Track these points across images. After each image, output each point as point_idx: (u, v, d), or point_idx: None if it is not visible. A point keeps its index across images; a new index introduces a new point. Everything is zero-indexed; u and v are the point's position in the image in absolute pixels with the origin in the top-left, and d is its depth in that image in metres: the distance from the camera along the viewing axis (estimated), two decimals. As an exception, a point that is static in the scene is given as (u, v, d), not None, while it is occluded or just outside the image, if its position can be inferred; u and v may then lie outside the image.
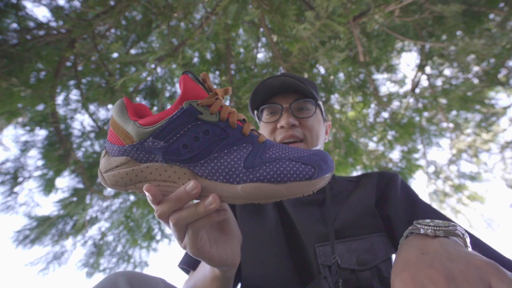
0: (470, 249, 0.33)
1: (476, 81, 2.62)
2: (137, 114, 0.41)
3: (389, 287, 0.41)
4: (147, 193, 0.35)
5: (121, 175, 0.38)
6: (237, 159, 0.35)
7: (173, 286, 0.45)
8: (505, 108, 2.82)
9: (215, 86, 2.85)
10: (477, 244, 0.46)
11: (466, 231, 0.34)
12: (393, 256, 0.43)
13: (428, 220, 0.34)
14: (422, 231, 0.33)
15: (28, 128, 2.53)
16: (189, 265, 0.57)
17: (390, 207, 0.54)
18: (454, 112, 3.06)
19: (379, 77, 3.19)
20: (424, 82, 3.04)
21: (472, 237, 0.46)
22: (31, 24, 2.17)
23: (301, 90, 0.60)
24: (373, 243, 0.49)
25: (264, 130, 0.63)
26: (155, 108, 3.11)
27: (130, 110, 0.40)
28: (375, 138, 3.19)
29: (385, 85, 3.28)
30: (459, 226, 0.33)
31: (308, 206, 0.57)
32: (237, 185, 0.34)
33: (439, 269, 0.25)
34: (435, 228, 0.32)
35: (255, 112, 0.67)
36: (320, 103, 0.65)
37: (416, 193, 0.58)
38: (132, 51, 2.69)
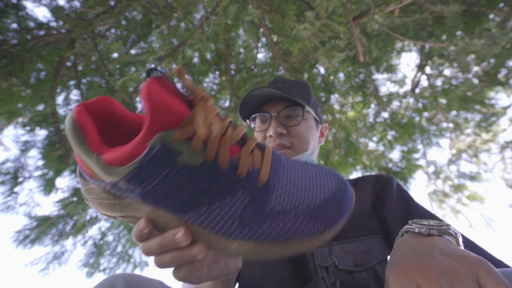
0: (462, 247, 0.33)
1: (476, 81, 2.62)
2: (101, 123, 0.30)
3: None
4: (140, 228, 0.29)
5: (105, 206, 0.30)
6: (232, 212, 0.27)
7: None
8: (505, 108, 2.83)
9: (214, 87, 2.85)
10: (468, 244, 0.47)
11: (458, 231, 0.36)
12: (389, 257, 0.43)
13: (423, 220, 0.35)
14: (416, 230, 0.34)
15: (28, 128, 2.53)
16: None
17: (386, 209, 0.55)
18: (454, 112, 3.06)
19: (379, 77, 3.19)
20: (424, 82, 3.04)
21: (464, 237, 0.46)
22: (31, 24, 2.17)
23: (288, 98, 0.60)
24: (369, 245, 0.50)
25: (257, 138, 0.63)
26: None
27: (89, 131, 0.27)
28: (375, 138, 3.19)
29: (385, 85, 3.28)
30: (452, 226, 0.34)
31: None
32: (233, 240, 0.28)
33: (431, 264, 0.26)
34: (429, 227, 0.33)
35: (247, 120, 0.68)
36: (309, 109, 0.64)
37: (411, 195, 0.59)
38: (132, 51, 2.69)
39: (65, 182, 2.72)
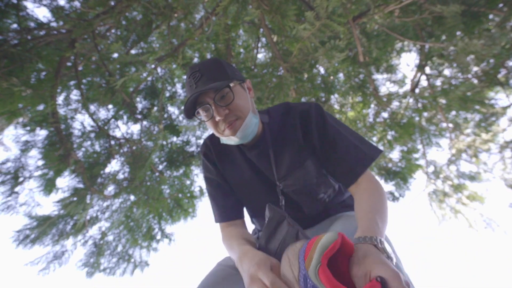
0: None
1: (475, 81, 2.62)
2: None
3: (317, 200, 0.76)
4: None
5: None
6: None
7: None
8: (505, 108, 2.83)
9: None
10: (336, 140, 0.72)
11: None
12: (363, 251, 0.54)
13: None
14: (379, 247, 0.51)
15: (28, 128, 2.54)
16: (224, 220, 0.82)
17: (314, 138, 0.74)
18: (453, 112, 3.07)
19: (379, 77, 3.20)
20: (424, 82, 3.05)
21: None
22: (32, 24, 2.17)
23: (213, 86, 0.68)
24: (307, 167, 0.74)
25: (209, 127, 0.76)
26: (155, 108, 3.11)
27: None
28: (375, 138, 3.19)
29: (385, 85, 3.29)
30: (379, 240, 0.52)
31: (263, 155, 0.78)
32: None
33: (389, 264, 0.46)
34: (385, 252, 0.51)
35: (195, 118, 0.77)
36: (232, 81, 0.73)
37: (327, 123, 0.75)
38: (132, 51, 2.70)
39: (65, 182, 2.73)
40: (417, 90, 2.98)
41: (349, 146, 0.71)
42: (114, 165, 2.96)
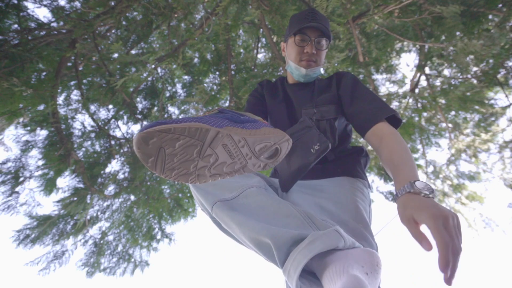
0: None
1: (475, 81, 2.63)
2: None
3: (333, 133, 0.87)
4: None
5: None
6: None
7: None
8: (504, 108, 2.84)
9: (214, 87, 2.88)
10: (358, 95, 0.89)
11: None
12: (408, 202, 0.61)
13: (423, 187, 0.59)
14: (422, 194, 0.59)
15: (29, 128, 2.54)
16: (248, 111, 1.00)
17: (341, 89, 0.95)
18: (453, 112, 3.07)
19: (379, 77, 3.20)
20: (423, 82, 3.05)
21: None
22: (32, 24, 2.18)
23: (323, 30, 0.93)
24: (330, 108, 0.91)
25: (292, 49, 0.97)
26: (155, 108, 3.12)
27: None
28: (374, 138, 3.19)
29: (385, 85, 3.29)
30: (434, 192, 0.60)
31: (302, 91, 1.01)
32: None
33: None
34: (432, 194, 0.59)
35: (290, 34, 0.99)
36: (329, 42, 0.99)
37: (359, 83, 0.93)
38: (133, 52, 2.70)
39: (65, 182, 2.74)
40: (416, 90, 2.98)
41: (373, 100, 0.86)
42: (114, 165, 2.97)
